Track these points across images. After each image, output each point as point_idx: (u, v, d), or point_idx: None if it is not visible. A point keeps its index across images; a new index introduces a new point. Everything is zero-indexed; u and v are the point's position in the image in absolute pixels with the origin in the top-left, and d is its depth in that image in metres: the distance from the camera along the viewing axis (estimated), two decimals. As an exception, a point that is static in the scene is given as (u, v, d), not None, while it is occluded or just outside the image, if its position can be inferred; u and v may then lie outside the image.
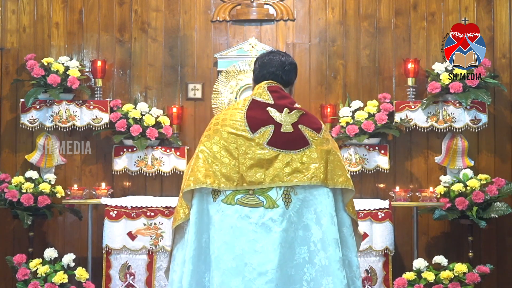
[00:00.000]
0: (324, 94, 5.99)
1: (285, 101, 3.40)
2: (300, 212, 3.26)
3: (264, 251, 3.18)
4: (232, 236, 3.21)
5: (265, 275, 3.16)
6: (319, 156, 3.29)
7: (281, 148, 3.27)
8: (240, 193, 3.25)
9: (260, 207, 3.22)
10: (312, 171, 3.26)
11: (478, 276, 5.21)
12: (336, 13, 6.01)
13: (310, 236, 3.25)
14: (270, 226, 3.20)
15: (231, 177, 3.24)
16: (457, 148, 5.76)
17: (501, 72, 5.87)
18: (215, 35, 6.05)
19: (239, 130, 3.29)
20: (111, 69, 6.04)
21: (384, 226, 5.29)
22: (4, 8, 6.10)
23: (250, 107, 3.36)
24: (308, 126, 3.36)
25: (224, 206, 3.24)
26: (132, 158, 5.89)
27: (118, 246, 5.36)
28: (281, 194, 3.24)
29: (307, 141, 3.31)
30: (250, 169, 3.24)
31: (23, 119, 5.84)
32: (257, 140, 3.27)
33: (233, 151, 3.27)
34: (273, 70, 3.44)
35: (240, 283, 3.17)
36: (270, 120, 3.32)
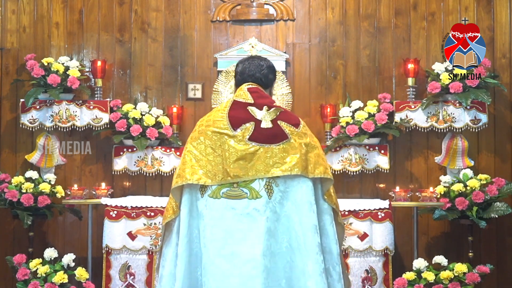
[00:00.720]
0: (324, 94, 5.99)
1: (265, 100, 3.64)
2: (282, 202, 3.47)
3: (250, 239, 3.39)
4: (220, 227, 3.43)
5: (252, 261, 3.36)
6: (298, 148, 3.51)
7: (262, 143, 3.50)
8: (225, 187, 3.47)
9: (244, 198, 3.44)
10: (292, 163, 3.47)
11: (478, 276, 5.21)
12: (336, 13, 6.01)
13: (291, 224, 3.46)
14: (255, 215, 3.42)
15: (216, 172, 3.47)
16: (457, 148, 5.76)
17: (501, 72, 5.87)
18: (215, 35, 6.05)
19: (222, 129, 3.53)
20: (111, 69, 6.04)
21: (384, 226, 5.29)
22: (4, 8, 6.10)
23: (232, 107, 3.61)
24: (287, 122, 3.59)
25: (211, 200, 3.47)
26: (132, 158, 5.89)
27: (118, 246, 5.37)
28: (263, 185, 3.46)
29: (286, 135, 3.53)
30: (233, 163, 3.46)
31: (23, 119, 5.84)
32: (239, 136, 3.51)
33: (217, 148, 3.50)
34: (252, 73, 3.70)
35: (229, 270, 3.37)
36: (250, 118, 3.56)
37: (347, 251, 5.28)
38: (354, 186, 5.92)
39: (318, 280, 3.40)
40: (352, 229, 5.28)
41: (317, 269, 3.41)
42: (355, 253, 5.28)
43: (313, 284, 3.39)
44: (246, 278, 3.36)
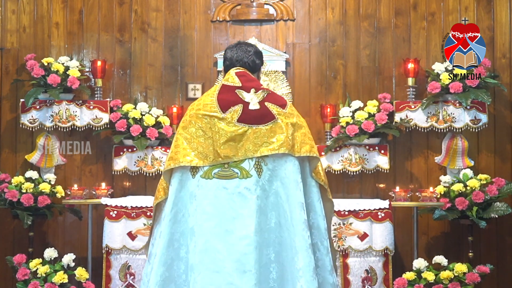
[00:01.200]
0: (324, 94, 6.00)
1: (252, 84, 3.76)
2: (270, 180, 3.61)
3: (242, 217, 3.53)
4: (213, 206, 3.55)
5: (245, 238, 3.50)
6: (285, 128, 3.63)
7: (250, 124, 3.63)
8: (217, 168, 3.60)
9: (235, 178, 3.58)
10: (279, 142, 3.60)
11: (478, 276, 5.21)
12: (336, 13, 6.01)
13: (279, 201, 3.60)
14: (246, 194, 3.56)
15: (207, 154, 3.60)
16: (457, 148, 5.76)
17: (501, 72, 5.87)
18: (215, 35, 6.05)
19: (211, 112, 3.66)
20: (111, 69, 6.04)
21: (384, 226, 5.29)
22: (4, 8, 6.10)
23: (221, 91, 3.74)
24: (273, 103, 3.70)
25: (203, 181, 3.59)
26: (132, 158, 5.89)
27: (118, 246, 5.37)
28: (253, 165, 3.59)
29: (273, 116, 3.65)
30: (223, 144, 3.60)
31: (23, 119, 5.85)
32: (228, 118, 3.64)
33: (207, 131, 3.63)
34: (240, 58, 3.83)
35: (223, 247, 3.50)
36: (238, 100, 3.68)
37: (347, 251, 5.28)
38: (354, 186, 5.92)
39: (305, 255, 3.53)
40: (352, 229, 5.28)
41: (303, 244, 3.54)
42: (355, 253, 5.28)
43: (299, 259, 3.52)
44: (240, 254, 3.49)
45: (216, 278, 3.49)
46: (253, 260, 3.49)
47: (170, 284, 3.59)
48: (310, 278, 3.51)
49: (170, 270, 3.59)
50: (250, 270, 3.47)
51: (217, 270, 3.49)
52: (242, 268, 3.48)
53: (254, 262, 3.49)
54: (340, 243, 5.26)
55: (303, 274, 3.51)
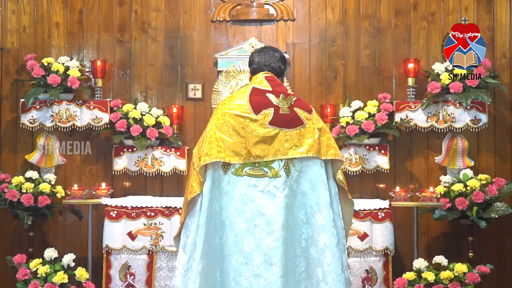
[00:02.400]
0: (324, 94, 6.00)
1: (281, 88, 3.96)
2: (298, 181, 3.81)
3: (270, 213, 3.73)
4: (242, 202, 3.76)
5: (272, 234, 3.70)
6: (312, 133, 3.84)
7: (281, 127, 3.81)
8: (248, 166, 3.79)
9: (265, 177, 3.78)
10: (308, 146, 3.81)
11: (478, 276, 5.21)
12: (336, 13, 6.01)
13: (306, 201, 3.80)
14: (274, 192, 3.75)
15: (239, 152, 3.78)
16: (457, 148, 5.77)
17: (501, 72, 5.87)
18: (215, 35, 6.05)
19: (244, 112, 3.82)
20: (111, 69, 6.04)
21: (384, 226, 5.29)
22: (4, 8, 6.10)
23: (252, 93, 3.89)
24: (301, 109, 3.90)
25: (234, 177, 3.79)
26: (132, 158, 5.89)
27: (118, 246, 5.37)
28: (282, 165, 3.79)
29: (301, 121, 3.85)
30: (255, 145, 3.78)
31: (23, 119, 5.85)
32: (260, 120, 3.81)
33: (240, 130, 3.80)
34: (268, 63, 4.01)
35: (252, 241, 3.72)
36: (270, 104, 3.85)
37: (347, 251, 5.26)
38: (354, 186, 5.92)
39: (334, 251, 3.75)
40: (352, 229, 5.27)
41: (333, 241, 3.75)
42: (355, 253, 5.28)
43: (329, 254, 3.74)
44: (268, 248, 3.70)
45: (245, 269, 3.72)
46: (280, 254, 3.69)
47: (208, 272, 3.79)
48: (339, 272, 3.74)
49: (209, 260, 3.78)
50: (276, 263, 3.69)
51: (246, 262, 3.72)
52: (269, 261, 3.70)
53: (281, 256, 3.69)
54: (340, 243, 5.26)
55: (334, 268, 3.74)
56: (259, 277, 3.70)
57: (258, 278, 3.70)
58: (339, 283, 3.73)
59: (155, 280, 5.33)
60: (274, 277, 3.69)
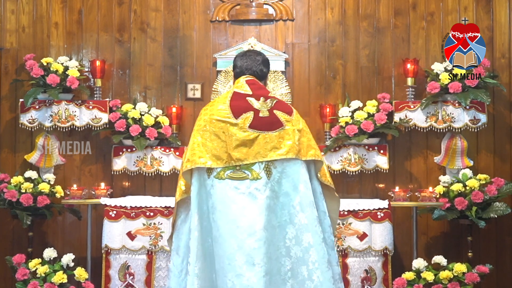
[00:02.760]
0: (323, 94, 6.00)
1: (261, 92, 4.05)
2: (280, 182, 3.91)
3: (252, 215, 3.83)
4: (225, 205, 3.87)
5: (254, 235, 3.80)
6: (292, 134, 3.93)
7: (261, 130, 3.92)
8: (229, 169, 3.90)
9: (246, 179, 3.88)
10: (287, 147, 3.90)
11: (478, 276, 5.21)
12: (336, 13, 6.01)
13: (289, 201, 3.90)
14: (256, 194, 3.86)
15: (221, 156, 3.90)
16: (457, 148, 5.77)
17: (501, 72, 5.88)
18: (214, 35, 6.05)
19: (225, 117, 3.94)
20: (111, 69, 6.04)
21: (384, 226, 5.29)
22: (3, 8, 6.09)
23: (233, 98, 4.02)
24: (281, 111, 4.00)
25: (216, 181, 3.90)
26: (131, 158, 5.89)
27: (117, 246, 5.36)
28: (263, 167, 3.90)
29: (281, 123, 3.95)
30: (236, 148, 3.89)
31: (22, 119, 5.84)
32: (240, 124, 3.93)
33: (221, 135, 3.92)
34: (250, 66, 4.12)
35: (234, 242, 3.81)
36: (250, 108, 3.97)
37: (346, 251, 5.28)
38: (354, 186, 5.92)
39: (319, 249, 3.85)
40: (352, 229, 5.28)
41: (317, 239, 3.86)
42: (355, 253, 5.28)
43: (314, 252, 3.84)
44: (250, 249, 3.79)
45: (229, 269, 3.80)
46: (262, 254, 3.79)
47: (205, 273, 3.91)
48: (325, 269, 3.84)
49: (204, 262, 3.91)
50: (259, 263, 3.77)
51: (229, 263, 3.80)
52: (251, 261, 3.78)
53: (263, 256, 3.79)
54: (339, 243, 5.26)
55: (319, 266, 3.84)
56: (241, 277, 3.78)
57: (241, 278, 3.78)
58: (324, 280, 3.83)
59: (154, 280, 5.33)
60: (257, 277, 3.77)
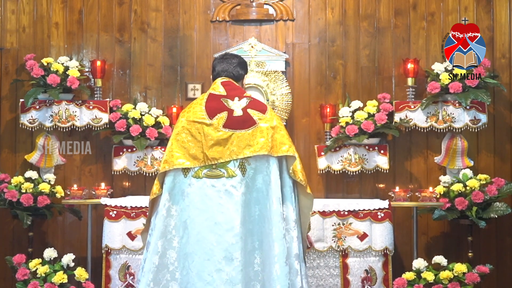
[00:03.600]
0: (323, 94, 6.00)
1: (236, 92, 4.19)
2: (253, 178, 4.04)
3: (229, 211, 3.98)
4: (203, 202, 4.01)
5: (232, 230, 3.95)
6: (265, 131, 4.06)
7: (234, 129, 4.06)
8: (206, 168, 4.04)
9: (222, 177, 4.03)
10: (260, 144, 4.03)
11: (478, 276, 5.21)
12: (336, 13, 6.01)
13: (261, 196, 4.05)
14: (232, 191, 4.01)
15: (197, 156, 4.05)
16: (457, 148, 5.77)
17: (501, 72, 5.88)
18: (214, 35, 6.05)
19: (200, 118, 4.10)
20: (111, 69, 6.04)
21: (384, 226, 5.29)
22: (4, 8, 6.10)
23: (208, 99, 4.17)
24: (254, 109, 4.13)
25: (194, 180, 4.04)
26: (131, 158, 5.89)
27: (117, 246, 5.37)
28: (237, 165, 4.03)
29: (254, 121, 4.08)
30: (211, 148, 4.04)
31: (22, 119, 5.85)
32: (214, 124, 4.07)
33: (197, 135, 4.07)
34: (225, 69, 4.27)
35: (213, 238, 3.96)
36: (224, 108, 4.12)
37: (346, 251, 5.28)
38: (354, 186, 5.92)
39: (280, 243, 3.98)
40: (352, 229, 5.28)
41: (279, 234, 3.99)
42: (355, 253, 5.28)
43: (277, 246, 3.97)
44: (228, 244, 3.94)
45: (208, 265, 3.94)
46: (239, 249, 3.94)
47: (163, 270, 4.02)
48: (283, 264, 3.96)
49: (163, 258, 4.01)
50: (237, 258, 3.93)
51: (208, 258, 3.95)
52: (229, 256, 3.93)
53: (240, 251, 3.94)
54: (339, 243, 5.26)
55: (278, 260, 3.97)
56: (221, 272, 3.93)
57: (220, 272, 3.93)
58: (281, 273, 3.95)
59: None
60: (235, 271, 3.92)
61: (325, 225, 5.30)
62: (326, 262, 5.25)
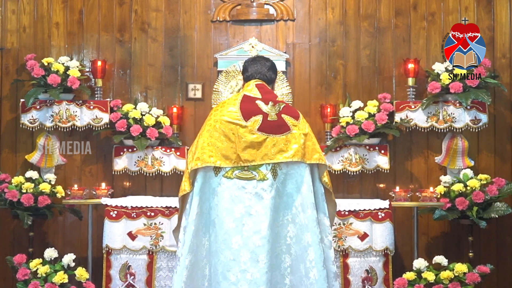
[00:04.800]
0: (324, 94, 6.00)
1: (270, 96, 4.25)
2: (284, 183, 4.11)
3: (258, 214, 4.03)
4: (232, 203, 4.06)
5: (259, 233, 4.00)
6: (298, 138, 4.12)
7: (269, 133, 4.11)
8: (237, 169, 4.09)
9: (253, 179, 4.08)
10: (293, 151, 4.09)
11: (478, 276, 5.21)
12: (336, 13, 6.01)
13: (292, 201, 4.11)
14: (262, 194, 4.06)
15: (230, 156, 4.08)
16: (457, 148, 5.77)
17: (501, 72, 5.88)
18: (215, 35, 6.06)
19: (235, 119, 4.12)
20: (111, 69, 6.04)
21: (384, 226, 5.29)
22: (4, 8, 6.10)
23: (243, 100, 4.19)
24: (289, 115, 4.19)
25: (224, 179, 4.09)
26: (132, 158, 5.89)
27: (118, 246, 5.36)
28: (269, 169, 4.09)
29: (288, 127, 4.14)
30: (244, 150, 4.07)
31: (23, 119, 5.85)
32: (249, 127, 4.10)
33: (231, 136, 4.10)
34: (259, 71, 4.32)
35: (240, 239, 4.01)
36: (259, 111, 4.15)
37: (347, 251, 5.28)
38: (354, 186, 5.92)
39: (316, 249, 4.05)
40: (352, 229, 5.28)
41: (315, 239, 4.06)
42: (355, 253, 5.28)
43: (312, 251, 4.04)
44: (254, 246, 3.99)
45: (233, 265, 4.00)
46: (265, 251, 3.99)
47: (195, 268, 4.10)
48: (321, 268, 4.03)
49: (196, 256, 4.09)
50: (262, 260, 3.98)
51: (234, 259, 4.01)
52: (255, 258, 3.98)
53: (266, 253, 3.99)
54: (340, 243, 5.26)
55: (315, 265, 4.03)
56: (246, 273, 3.98)
57: (245, 273, 3.98)
58: (319, 278, 4.02)
59: (155, 280, 5.33)
60: (260, 273, 3.97)
61: (325, 225, 5.30)
62: (326, 262, 5.25)
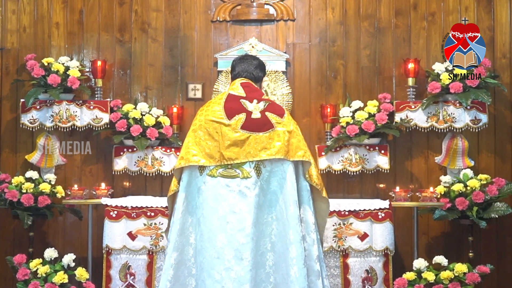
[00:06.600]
0: (324, 94, 6.00)
1: (255, 94, 4.26)
2: (268, 181, 4.11)
3: (242, 212, 4.04)
4: (216, 201, 4.08)
5: (243, 230, 4.02)
6: (282, 136, 4.12)
7: (252, 131, 4.12)
8: (221, 168, 4.11)
9: (237, 178, 4.09)
10: (277, 148, 4.09)
11: (479, 276, 5.21)
12: (336, 13, 6.01)
13: (276, 199, 4.11)
14: (246, 192, 4.07)
15: (213, 155, 4.11)
16: (457, 148, 5.77)
17: (501, 72, 5.88)
18: (215, 35, 6.06)
19: (218, 118, 4.16)
20: (111, 69, 6.04)
21: (384, 226, 5.29)
22: (4, 8, 6.10)
23: (227, 99, 4.24)
24: (273, 113, 4.19)
25: (208, 178, 4.11)
26: (132, 158, 5.90)
27: (118, 246, 5.37)
28: (253, 167, 4.09)
29: (272, 125, 4.14)
30: (228, 148, 4.10)
31: (23, 119, 5.85)
32: (233, 125, 4.13)
33: (214, 135, 4.13)
34: (245, 69, 4.36)
35: (224, 237, 4.03)
36: (242, 109, 4.18)
37: (347, 251, 5.28)
38: (354, 186, 5.92)
39: (298, 246, 4.03)
40: (353, 229, 5.28)
41: (296, 237, 4.04)
42: (355, 253, 5.28)
43: (293, 249, 4.03)
44: (238, 244, 4.01)
45: (217, 263, 4.02)
46: (250, 249, 4.00)
47: (182, 266, 4.13)
48: (301, 266, 4.02)
49: (182, 254, 4.13)
50: (247, 258, 3.99)
51: (218, 257, 4.02)
52: (239, 256, 4.00)
53: (250, 251, 4.00)
54: (340, 243, 5.26)
55: (296, 263, 4.02)
56: (230, 271, 3.99)
57: (229, 271, 3.99)
58: (300, 275, 4.00)
59: (155, 280, 5.33)
60: (244, 271, 3.98)
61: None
62: (326, 262, 5.24)
